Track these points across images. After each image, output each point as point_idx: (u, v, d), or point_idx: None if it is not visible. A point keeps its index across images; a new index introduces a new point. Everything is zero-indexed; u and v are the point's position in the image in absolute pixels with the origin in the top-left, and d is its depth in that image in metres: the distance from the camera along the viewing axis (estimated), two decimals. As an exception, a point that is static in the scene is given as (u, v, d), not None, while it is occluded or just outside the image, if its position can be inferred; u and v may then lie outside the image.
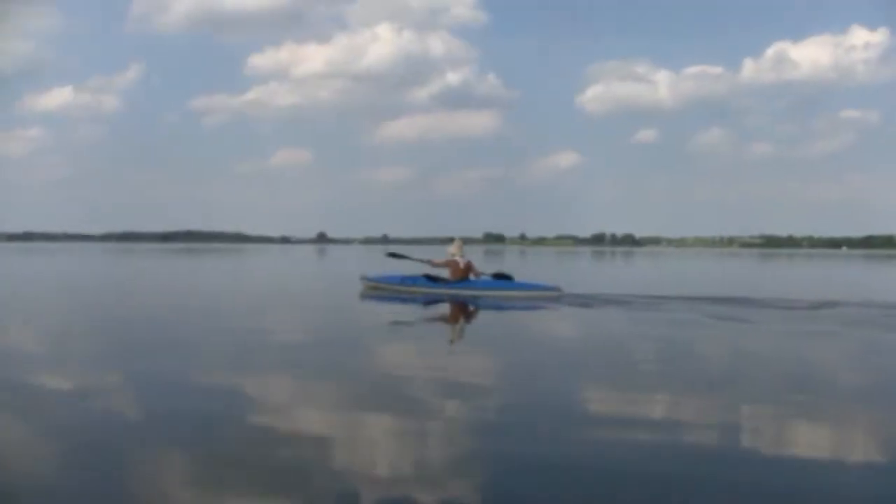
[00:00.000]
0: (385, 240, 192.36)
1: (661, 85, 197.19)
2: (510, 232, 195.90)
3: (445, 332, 10.13)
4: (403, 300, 13.77)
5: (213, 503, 3.38)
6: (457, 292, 14.20)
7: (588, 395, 5.80)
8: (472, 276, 14.66)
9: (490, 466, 3.84)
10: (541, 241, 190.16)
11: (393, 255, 17.08)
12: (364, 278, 16.01)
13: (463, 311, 12.67)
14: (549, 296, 13.73)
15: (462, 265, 14.64)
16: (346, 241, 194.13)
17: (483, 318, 12.03)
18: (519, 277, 15.16)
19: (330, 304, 14.06)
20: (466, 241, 18.07)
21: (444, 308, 12.99)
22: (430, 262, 14.85)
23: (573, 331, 10.59)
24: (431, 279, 14.61)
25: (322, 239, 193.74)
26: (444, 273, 14.71)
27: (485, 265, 18.40)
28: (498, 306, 12.99)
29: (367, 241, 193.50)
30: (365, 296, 14.75)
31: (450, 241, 15.27)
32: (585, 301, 13.30)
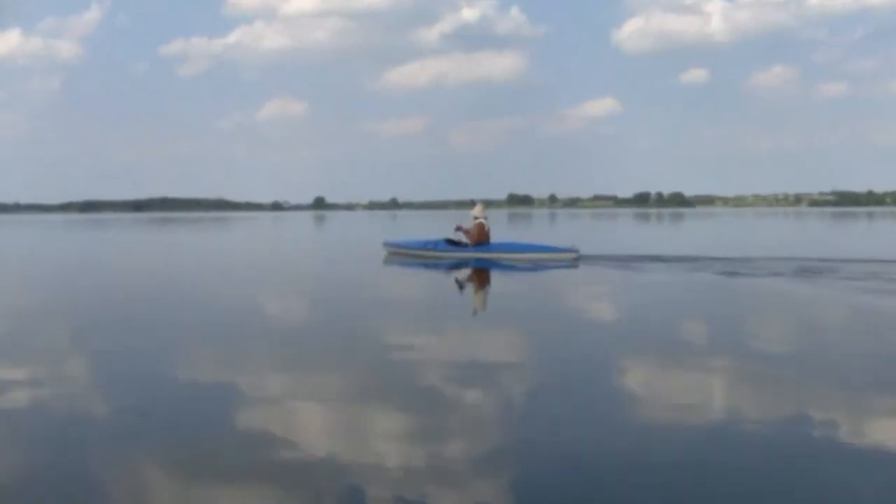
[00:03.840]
0: (394, 204, 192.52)
1: (714, 15, 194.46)
2: (538, 192, 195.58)
3: (468, 303, 10.46)
4: (426, 265, 15.73)
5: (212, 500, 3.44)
6: (477, 255, 15.92)
7: (621, 373, 5.78)
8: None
9: (518, 458, 3.85)
10: (574, 203, 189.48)
11: (450, 241, 17.01)
12: (386, 244, 18.25)
13: (484, 277, 14.07)
14: (566, 257, 15.53)
15: (485, 227, 16.35)
16: (349, 207, 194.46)
17: (505, 283, 13.31)
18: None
19: (348, 277, 14.41)
20: (488, 204, 18.65)
21: (466, 274, 14.41)
22: (465, 232, 16.33)
23: (599, 296, 11.05)
24: (452, 243, 16.52)
25: (320, 205, 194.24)
26: (465, 238, 16.43)
27: (508, 232, 18.74)
28: (518, 269, 14.72)
29: (373, 205, 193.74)
30: (388, 261, 16.65)
31: (469, 204, 16.88)
32: (606, 263, 14.93)
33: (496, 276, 13.99)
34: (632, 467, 3.65)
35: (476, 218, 16.29)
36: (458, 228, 16.42)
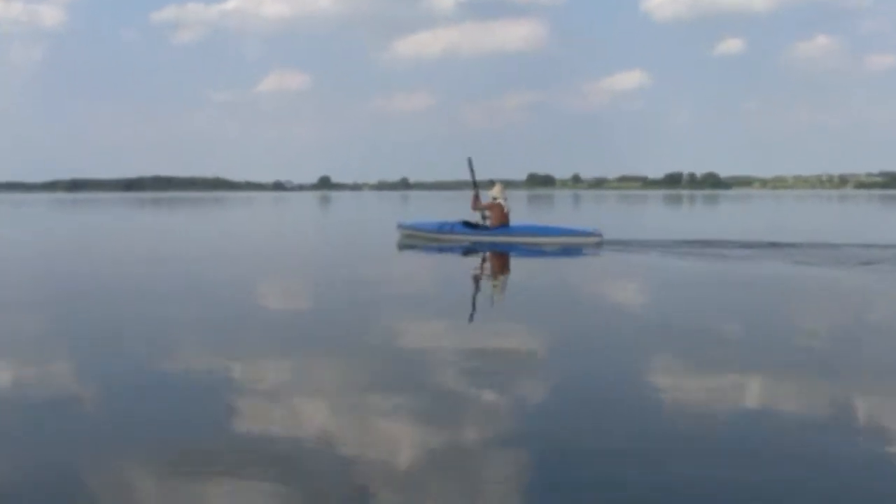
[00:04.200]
0: (404, 184, 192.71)
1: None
2: (561, 172, 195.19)
3: (487, 291, 10.39)
4: (441, 249, 15.96)
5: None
6: (495, 239, 16.26)
7: (651, 373, 5.61)
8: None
9: (533, 466, 3.71)
10: (599, 184, 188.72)
11: (469, 161, 17.38)
12: (400, 226, 18.61)
13: (503, 261, 14.32)
14: (589, 241, 15.76)
15: (505, 209, 16.65)
16: (355, 187, 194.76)
17: (524, 269, 13.37)
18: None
19: (360, 262, 14.40)
20: (508, 184, 18.99)
21: (482, 257, 14.63)
22: (477, 198, 16.83)
23: (623, 284, 11.07)
24: (470, 226, 16.95)
25: (325, 184, 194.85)
26: (482, 218, 16.87)
27: (527, 215, 18.76)
28: (538, 253, 15.00)
29: (381, 186, 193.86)
30: (403, 245, 16.93)
31: (487, 185, 17.16)
32: (630, 247, 15.08)
33: (515, 262, 14.14)
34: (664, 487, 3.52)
35: (495, 199, 16.60)
36: (476, 200, 16.73)
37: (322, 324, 7.56)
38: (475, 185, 17.07)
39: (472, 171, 17.19)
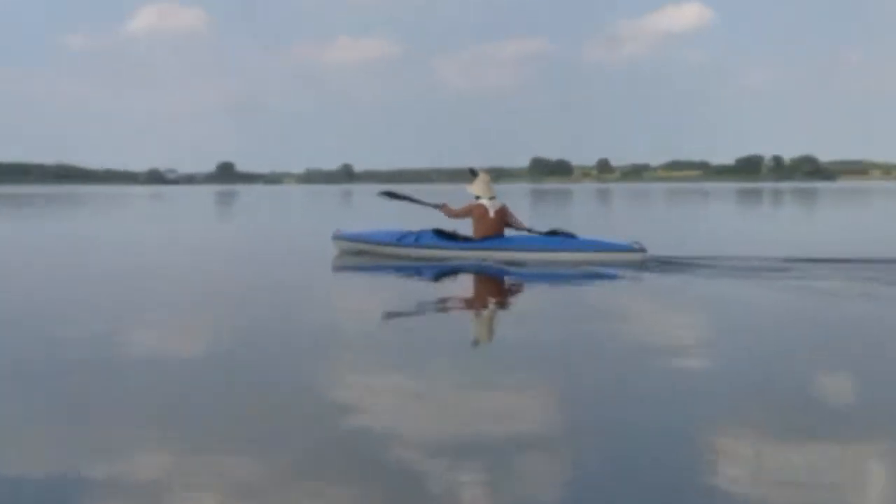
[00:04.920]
0: (346, 174, 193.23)
1: None
2: (580, 157, 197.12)
3: (466, 331, 10.38)
4: (400, 270, 15.79)
5: None
6: (483, 255, 16.17)
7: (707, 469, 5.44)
8: (507, 231, 16.77)
9: None
10: (638, 174, 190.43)
11: (389, 194, 18.91)
12: (338, 236, 18.37)
13: (494, 288, 14.32)
14: (625, 260, 15.67)
15: (493, 212, 16.38)
16: (272, 179, 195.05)
17: (527, 300, 13.16)
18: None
19: (278, 292, 14.13)
20: (503, 174, 19.13)
21: (464, 283, 14.71)
22: (441, 208, 17.05)
23: (675, 323, 10.91)
24: (445, 236, 16.68)
25: (227, 174, 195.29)
26: (462, 226, 16.77)
27: (530, 219, 18.88)
28: (549, 277, 15.01)
29: (312, 176, 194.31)
30: (340, 266, 16.87)
31: (468, 175, 17.10)
32: (688, 268, 14.97)
33: (515, 290, 14.08)
34: None
35: (478, 198, 16.40)
36: (441, 206, 17.00)
37: (225, 384, 7.53)
38: (419, 203, 17.81)
39: (404, 198, 18.05)
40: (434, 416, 6.58)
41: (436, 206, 17.20)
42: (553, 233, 16.66)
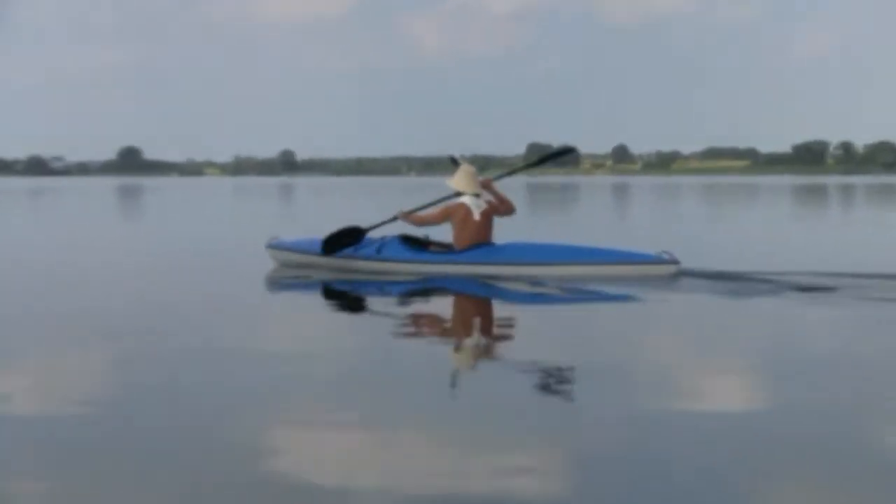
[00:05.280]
0: (286, 164, 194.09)
1: None
2: (591, 144, 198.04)
3: (442, 364, 10.30)
4: (357, 289, 15.62)
5: None
6: (463, 269, 15.87)
7: None
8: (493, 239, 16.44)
9: None
10: (665, 164, 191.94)
11: (330, 245, 17.15)
12: (274, 245, 17.95)
13: (475, 309, 14.33)
14: (654, 273, 15.62)
15: (478, 214, 16.05)
16: (190, 169, 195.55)
17: (522, 328, 12.63)
18: None
19: (199, 315, 13.86)
20: (492, 164, 19.20)
21: (440, 306, 14.49)
22: (400, 217, 16.58)
23: (726, 360, 10.60)
24: (414, 244, 16.43)
25: (131, 162, 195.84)
26: (439, 233, 16.45)
27: (526, 221, 18.66)
28: (550, 299, 14.76)
29: (241, 166, 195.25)
30: (277, 283, 16.74)
31: (447, 164, 17.37)
32: (730, 284, 14.88)
33: (508, 315, 13.61)
34: None
35: (459, 194, 16.07)
36: (407, 215, 16.51)
37: (139, 434, 7.33)
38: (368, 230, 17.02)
39: (349, 238, 16.97)
40: (394, 484, 6.37)
41: (392, 220, 16.75)
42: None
